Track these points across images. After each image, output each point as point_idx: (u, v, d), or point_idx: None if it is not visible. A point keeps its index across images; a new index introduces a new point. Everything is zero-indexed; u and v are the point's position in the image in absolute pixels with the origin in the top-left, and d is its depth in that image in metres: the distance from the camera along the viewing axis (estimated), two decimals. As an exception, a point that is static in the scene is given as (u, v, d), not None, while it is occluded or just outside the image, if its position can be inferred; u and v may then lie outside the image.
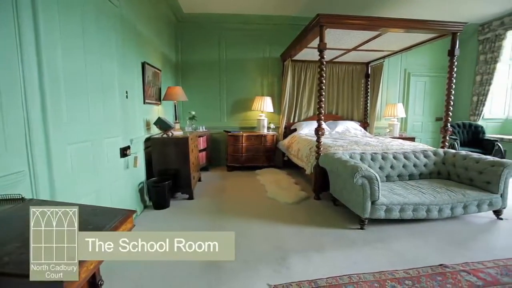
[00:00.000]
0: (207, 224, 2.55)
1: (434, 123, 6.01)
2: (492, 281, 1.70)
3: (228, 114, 5.24)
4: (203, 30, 4.96)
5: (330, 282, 1.69)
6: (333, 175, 2.92)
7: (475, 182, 2.77)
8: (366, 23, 3.10)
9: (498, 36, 5.00)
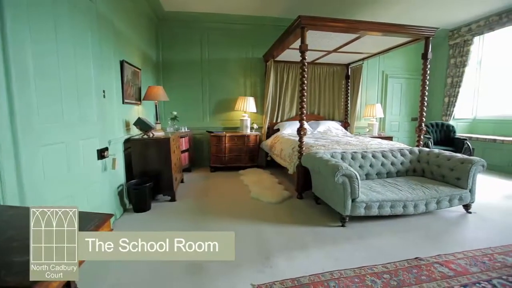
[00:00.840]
0: (190, 226, 2.52)
1: (410, 123, 6.30)
2: (462, 271, 1.81)
3: (210, 115, 5.19)
4: (185, 29, 4.88)
5: (313, 279, 1.72)
6: (315, 174, 2.97)
7: (447, 179, 2.93)
8: (346, 26, 3.19)
9: (466, 41, 5.33)
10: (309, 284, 1.67)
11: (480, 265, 1.88)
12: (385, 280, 1.71)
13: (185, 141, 4.53)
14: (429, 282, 1.69)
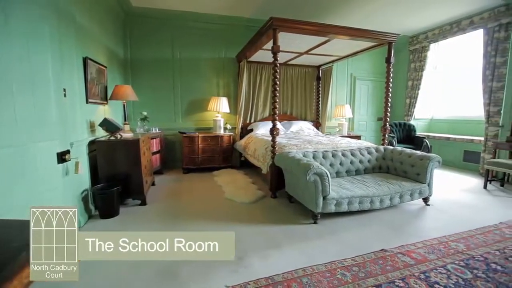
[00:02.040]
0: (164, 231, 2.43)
1: (376, 123, 6.67)
2: (422, 259, 1.95)
3: (183, 115, 5.07)
4: (155, 26, 4.71)
5: (286, 276, 1.75)
6: (288, 173, 3.03)
7: (408, 174, 3.16)
8: (316, 29, 3.29)
9: (424, 47, 5.77)
10: (282, 281, 1.70)
11: (437, 253, 2.05)
12: (354, 273, 1.79)
13: (156, 142, 4.38)
14: (393, 272, 1.81)
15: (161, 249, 0.90)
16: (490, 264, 1.90)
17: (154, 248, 0.90)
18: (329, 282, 1.69)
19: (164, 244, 0.91)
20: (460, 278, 1.73)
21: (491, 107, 4.58)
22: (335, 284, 1.67)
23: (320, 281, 1.70)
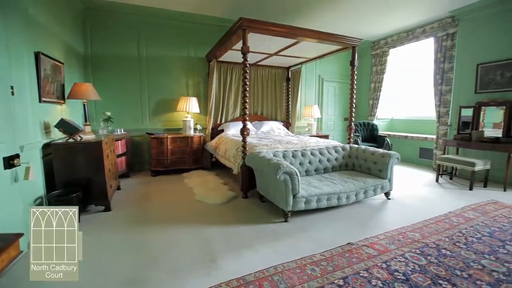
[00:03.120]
0: (128, 238, 2.31)
1: (343, 122, 7.01)
2: (383, 250, 2.09)
3: (150, 115, 4.86)
4: (119, 22, 4.46)
5: (258, 275, 1.76)
6: (258, 173, 3.06)
7: (371, 171, 3.36)
8: (285, 31, 3.36)
9: (384, 52, 6.19)
10: (254, 281, 1.71)
11: (396, 243, 2.21)
12: (323, 267, 1.86)
13: (121, 144, 4.15)
14: (358, 263, 1.91)
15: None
16: (441, 250, 2.09)
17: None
18: (299, 278, 1.74)
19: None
20: (416, 265, 1.89)
21: (441, 108, 5.05)
22: (305, 279, 1.72)
23: (291, 278, 1.74)
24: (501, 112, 4.05)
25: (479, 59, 4.41)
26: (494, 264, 1.91)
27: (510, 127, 3.97)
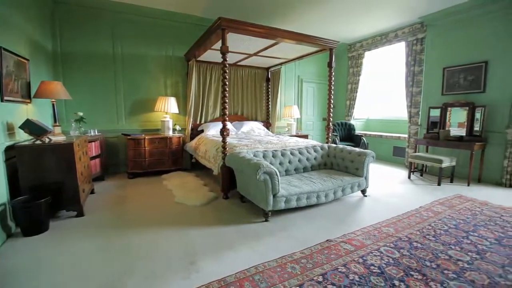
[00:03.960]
0: (103, 244, 2.20)
1: (322, 122, 7.18)
2: (360, 245, 2.17)
3: (126, 116, 4.69)
4: (92, 17, 4.25)
5: (239, 276, 1.76)
6: (239, 173, 3.05)
7: (349, 169, 3.47)
8: (265, 31, 3.37)
9: (359, 55, 6.42)
10: (235, 282, 1.70)
11: (372, 238, 2.30)
12: (303, 265, 1.90)
13: (95, 145, 3.96)
14: (336, 259, 1.96)
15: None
16: (412, 243, 2.21)
17: None
18: (279, 276, 1.76)
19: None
20: (390, 258, 1.97)
21: (412, 109, 5.33)
22: (286, 277, 1.74)
23: (272, 277, 1.75)
24: (465, 112, 4.35)
25: (445, 63, 4.71)
26: (459, 254, 2.05)
27: (472, 127, 4.27)
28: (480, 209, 3.01)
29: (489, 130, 4.22)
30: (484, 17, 4.17)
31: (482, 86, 4.25)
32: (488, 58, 4.17)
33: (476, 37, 4.30)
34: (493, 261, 1.94)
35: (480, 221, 2.68)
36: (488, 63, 4.17)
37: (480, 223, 2.63)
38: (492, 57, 4.13)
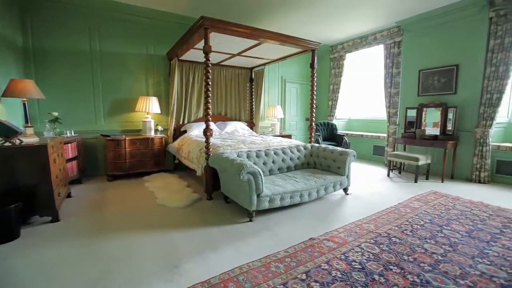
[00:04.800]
0: (81, 250, 2.11)
1: (305, 122, 7.29)
2: (342, 242, 2.22)
3: (106, 116, 4.52)
4: (66, 12, 4.05)
5: (223, 277, 1.74)
6: (222, 173, 3.03)
7: (331, 168, 3.54)
8: (248, 32, 3.37)
9: (341, 56, 6.58)
10: (219, 283, 1.68)
11: (354, 235, 2.36)
12: (287, 263, 1.91)
13: (72, 147, 3.79)
14: (319, 257, 2.00)
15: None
16: (391, 238, 2.29)
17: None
18: (264, 276, 1.76)
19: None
20: (370, 254, 2.04)
21: (390, 109, 5.54)
22: (270, 277, 1.75)
23: (256, 277, 1.75)
24: (439, 113, 4.58)
25: (420, 66, 4.93)
26: (434, 247, 2.15)
27: (446, 126, 4.51)
28: (453, 204, 3.18)
29: (460, 130, 4.47)
30: (455, 23, 4.41)
31: (453, 88, 4.49)
32: (459, 61, 4.41)
33: (448, 41, 4.53)
34: (464, 253, 2.06)
35: (453, 215, 2.83)
36: (459, 66, 4.41)
37: (452, 217, 2.78)
38: (462, 61, 4.38)
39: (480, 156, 4.22)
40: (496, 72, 4.01)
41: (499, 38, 3.95)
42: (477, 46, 4.20)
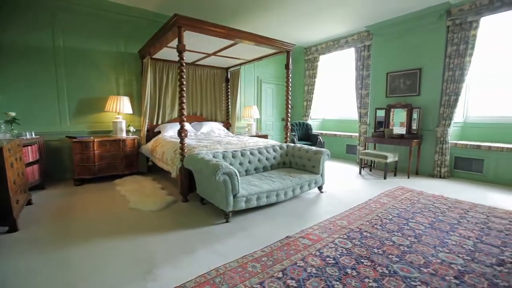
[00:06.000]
0: (41, 262, 1.95)
1: (281, 122, 7.39)
2: (317, 239, 2.29)
3: (71, 116, 4.24)
4: (26, 3, 3.73)
5: (199, 280, 1.71)
6: (198, 175, 2.98)
7: (306, 167, 3.63)
8: (223, 32, 3.35)
9: (315, 58, 6.77)
10: (195, 287, 1.65)
11: (328, 231, 2.44)
12: (263, 262, 1.93)
13: (33, 150, 3.51)
14: (295, 254, 2.04)
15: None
16: (363, 233, 2.40)
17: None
18: (240, 276, 1.76)
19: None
20: (343, 249, 2.12)
21: (361, 110, 5.80)
22: (247, 277, 1.75)
23: (233, 278, 1.74)
24: (405, 113, 4.88)
25: (388, 69, 5.22)
26: (401, 239, 2.29)
27: (411, 126, 4.82)
28: (417, 199, 3.40)
29: (424, 129, 4.80)
30: (418, 29, 4.73)
31: (417, 90, 4.81)
32: (422, 65, 4.74)
33: (412, 46, 4.85)
34: (427, 243, 2.22)
35: (418, 209, 3.03)
36: (422, 70, 4.74)
37: (417, 210, 2.97)
38: (425, 65, 4.71)
39: (440, 153, 4.56)
40: (453, 76, 4.37)
41: (455, 45, 4.31)
42: (436, 51, 4.53)
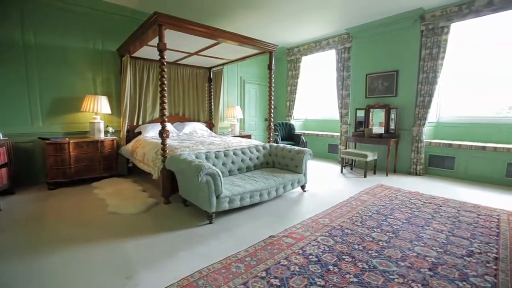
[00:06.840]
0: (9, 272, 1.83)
1: (264, 123, 7.43)
2: (300, 238, 2.32)
3: (44, 117, 4.02)
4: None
5: (182, 284, 1.68)
6: (180, 176, 2.93)
7: (289, 167, 3.67)
8: (206, 31, 3.31)
9: (297, 59, 6.86)
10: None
11: (310, 229, 2.48)
12: (247, 263, 1.93)
13: (1, 152, 3.29)
14: (279, 253, 2.06)
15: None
16: (344, 230, 2.46)
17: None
18: (224, 277, 1.75)
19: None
20: (326, 246, 2.16)
21: (342, 110, 5.95)
22: (230, 278, 1.75)
23: (216, 279, 1.73)
24: (383, 113, 5.07)
25: (367, 70, 5.39)
26: (380, 235, 2.37)
27: (389, 125, 5.01)
28: (395, 195, 3.54)
29: (401, 128, 5.00)
30: (394, 33, 4.93)
31: (394, 91, 5.01)
32: (398, 67, 4.94)
33: (389, 49, 5.04)
34: (404, 238, 2.31)
35: (395, 205, 3.16)
36: (398, 72, 4.94)
37: (395, 207, 3.10)
38: (401, 67, 4.91)
39: (416, 151, 4.78)
40: (427, 78, 4.59)
41: (429, 49, 4.53)
42: (412, 54, 4.75)
